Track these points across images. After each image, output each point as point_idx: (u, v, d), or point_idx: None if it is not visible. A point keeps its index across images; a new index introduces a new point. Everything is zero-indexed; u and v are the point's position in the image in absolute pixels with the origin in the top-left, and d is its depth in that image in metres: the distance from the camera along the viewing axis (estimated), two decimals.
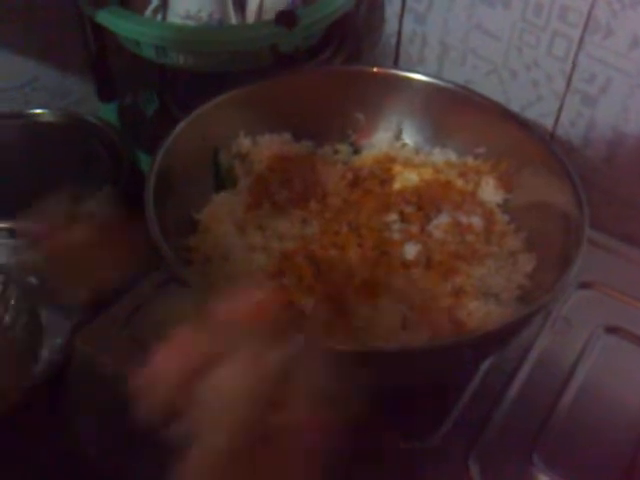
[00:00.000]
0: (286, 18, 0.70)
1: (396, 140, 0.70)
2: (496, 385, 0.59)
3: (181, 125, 0.62)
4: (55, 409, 0.63)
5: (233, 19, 0.73)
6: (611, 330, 0.64)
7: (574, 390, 0.59)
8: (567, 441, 0.56)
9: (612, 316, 0.65)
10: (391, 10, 0.84)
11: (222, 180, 0.65)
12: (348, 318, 0.54)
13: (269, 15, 0.72)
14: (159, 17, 0.74)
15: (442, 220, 0.60)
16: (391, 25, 0.85)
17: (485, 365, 0.59)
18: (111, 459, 0.63)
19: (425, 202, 0.62)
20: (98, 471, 0.64)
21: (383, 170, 0.65)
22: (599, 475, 0.55)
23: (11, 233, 0.68)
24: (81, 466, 0.65)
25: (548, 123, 0.77)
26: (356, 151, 0.70)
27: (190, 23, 0.72)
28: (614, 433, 0.57)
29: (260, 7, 0.73)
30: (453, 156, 0.68)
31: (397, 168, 0.65)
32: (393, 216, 0.60)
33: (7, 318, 0.68)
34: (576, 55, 0.71)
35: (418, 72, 0.69)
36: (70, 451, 0.65)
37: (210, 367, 0.34)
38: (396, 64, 0.87)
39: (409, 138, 0.70)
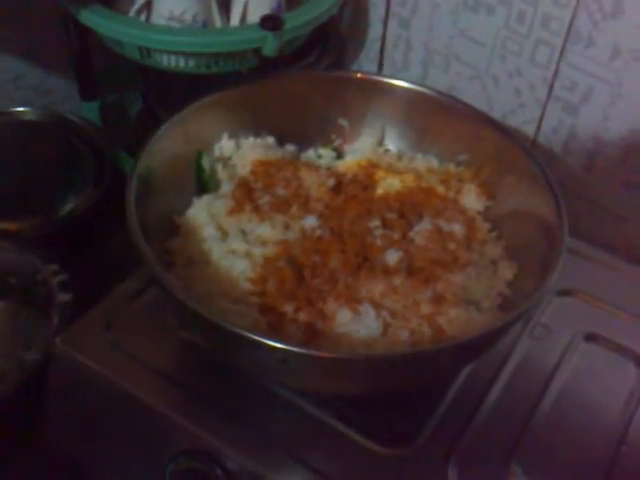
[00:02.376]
0: (271, 22, 0.70)
1: (379, 146, 0.70)
2: (475, 392, 0.59)
3: (164, 127, 0.62)
4: (37, 409, 0.63)
5: (217, 22, 0.73)
6: (590, 337, 0.64)
7: (553, 397, 0.60)
8: (546, 448, 0.57)
9: (591, 323, 0.65)
10: (375, 15, 0.84)
11: (204, 183, 0.65)
12: (329, 324, 0.54)
13: (254, 18, 0.72)
14: (143, 18, 0.73)
15: (424, 227, 0.60)
16: (375, 30, 0.85)
17: (464, 371, 0.60)
18: (93, 458, 0.63)
19: (407, 208, 0.62)
20: (80, 470, 0.64)
21: (366, 176, 0.65)
22: None
23: None
24: (63, 465, 0.65)
25: (530, 130, 0.77)
26: (339, 156, 0.70)
27: (174, 24, 0.71)
28: (592, 440, 0.58)
29: (245, 10, 0.73)
30: (435, 162, 0.68)
31: (380, 174, 0.66)
32: (375, 222, 0.60)
33: None
34: (558, 63, 0.72)
35: (401, 78, 0.69)
36: (51, 450, 0.64)
37: None
38: (380, 69, 0.88)
39: (392, 144, 0.71)
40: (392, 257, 0.58)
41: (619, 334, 0.64)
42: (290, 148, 0.69)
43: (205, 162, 0.65)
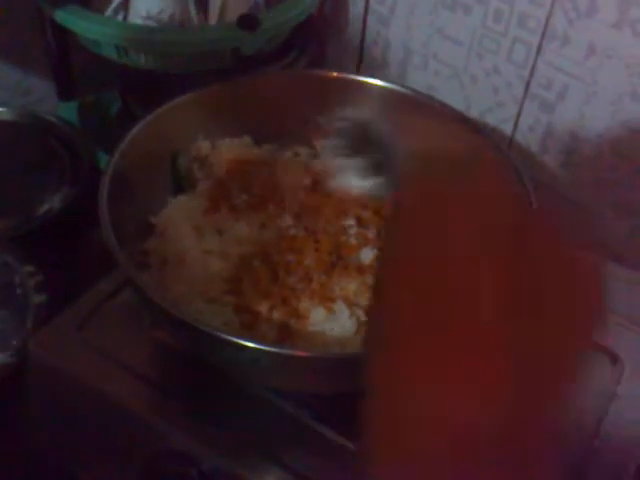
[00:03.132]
0: (248, 21, 0.70)
1: None
2: None
3: (139, 126, 0.61)
4: (11, 412, 0.63)
5: (195, 21, 0.73)
6: None
7: None
8: None
9: None
10: (354, 13, 0.84)
11: (181, 183, 0.65)
12: (303, 323, 0.54)
13: (231, 17, 0.72)
14: (120, 17, 0.73)
15: None
16: (355, 28, 0.85)
17: None
18: (67, 459, 0.63)
19: (382, 206, 0.62)
20: (55, 471, 0.64)
21: None
22: None
23: None
24: (38, 467, 0.65)
25: (507, 129, 0.78)
26: (316, 155, 0.70)
27: (151, 24, 0.71)
28: (566, 434, 0.58)
29: (222, 9, 0.73)
30: None
31: None
32: (350, 221, 0.60)
33: None
34: (535, 62, 0.72)
35: (379, 77, 0.69)
36: (26, 452, 0.64)
37: None
38: (359, 67, 0.88)
39: None
40: (366, 255, 0.58)
41: None
42: (267, 147, 0.69)
43: (181, 162, 0.65)
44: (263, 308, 0.55)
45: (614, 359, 0.63)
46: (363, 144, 0.48)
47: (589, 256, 0.34)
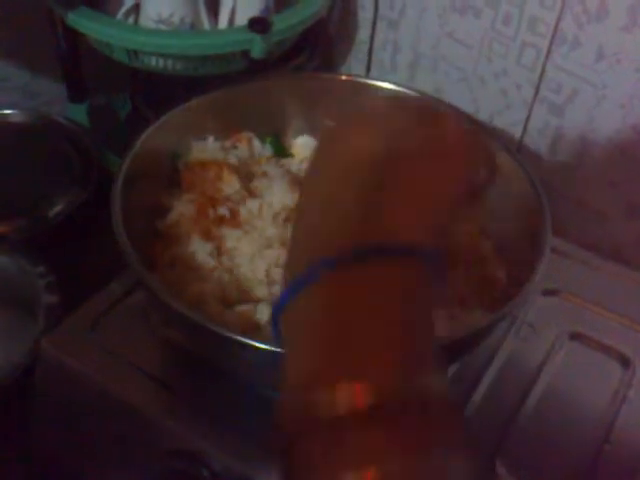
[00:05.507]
0: (259, 24, 0.70)
1: None
2: (460, 391, 0.59)
3: (150, 129, 0.61)
4: (23, 412, 0.63)
5: (205, 24, 0.73)
6: (574, 336, 0.65)
7: (538, 396, 0.60)
8: (530, 446, 0.57)
9: (576, 323, 0.66)
10: (364, 16, 0.85)
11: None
12: None
13: (242, 20, 0.72)
14: (131, 20, 0.73)
15: None
16: (364, 31, 0.86)
17: (449, 371, 0.60)
18: (75, 460, 0.63)
19: None
20: (66, 473, 0.64)
21: None
22: None
23: None
24: (50, 469, 0.65)
25: (516, 132, 0.78)
26: None
27: (162, 27, 0.72)
28: (576, 438, 0.58)
29: (233, 12, 0.73)
30: None
31: None
32: None
33: None
34: (544, 65, 0.72)
35: (388, 80, 0.69)
36: (36, 452, 0.64)
37: None
38: (369, 70, 0.88)
39: None
40: None
41: (604, 333, 0.64)
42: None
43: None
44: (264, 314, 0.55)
45: (625, 362, 0.63)
46: None
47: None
